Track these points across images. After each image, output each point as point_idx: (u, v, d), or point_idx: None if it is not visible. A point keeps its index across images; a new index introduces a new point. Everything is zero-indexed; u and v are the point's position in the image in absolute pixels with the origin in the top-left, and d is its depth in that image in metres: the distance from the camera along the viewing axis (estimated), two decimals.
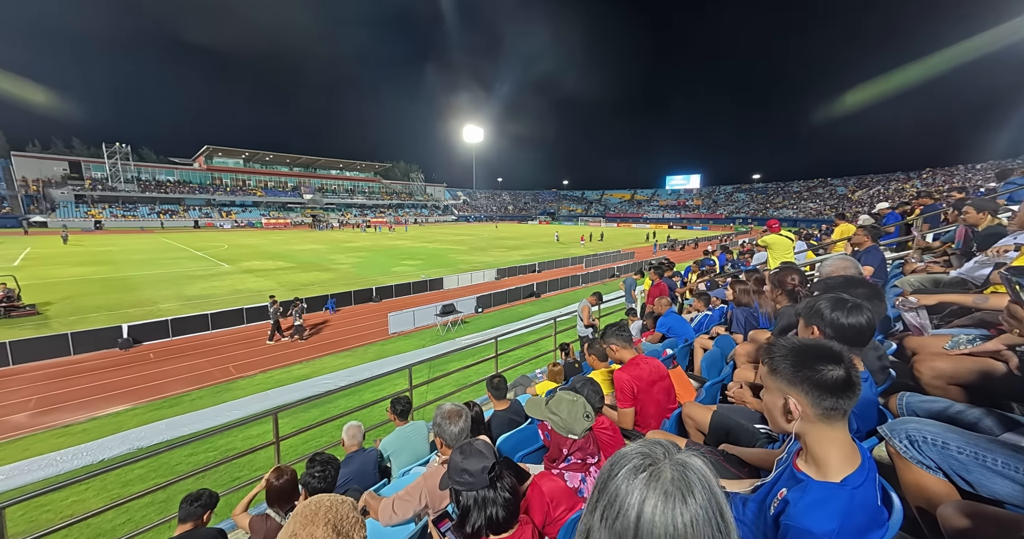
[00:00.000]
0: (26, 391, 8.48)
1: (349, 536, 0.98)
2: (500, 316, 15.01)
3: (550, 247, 39.70)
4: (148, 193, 60.65)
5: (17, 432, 7.01)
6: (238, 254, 30.33)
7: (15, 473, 5.87)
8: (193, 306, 14.84)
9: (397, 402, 3.44)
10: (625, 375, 2.24)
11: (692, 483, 0.57)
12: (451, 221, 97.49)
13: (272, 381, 9.29)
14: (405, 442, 3.15)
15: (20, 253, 28.14)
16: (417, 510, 1.90)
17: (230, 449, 6.49)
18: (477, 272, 21.78)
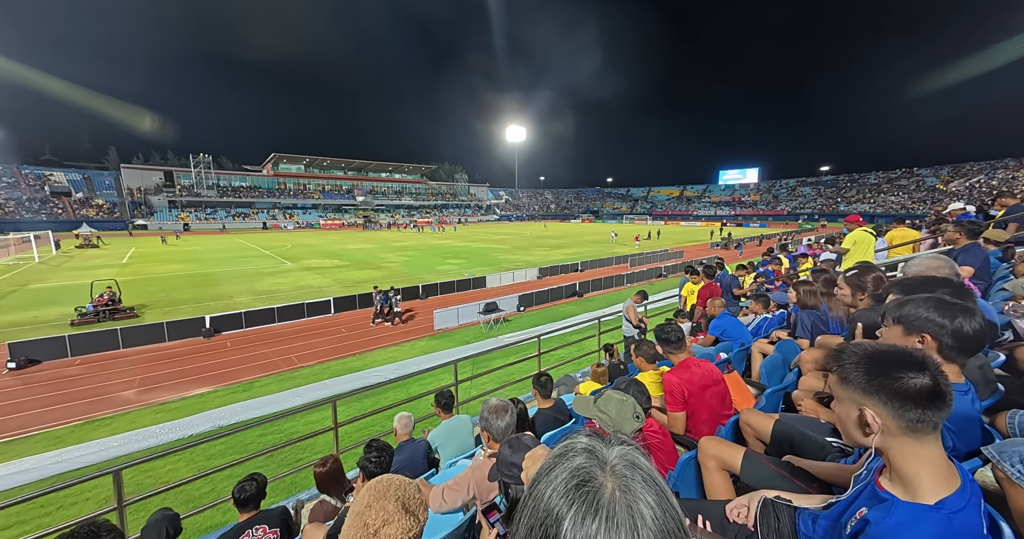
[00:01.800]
0: (132, 371, 9.81)
1: (415, 514, 1.04)
2: (542, 315, 14.98)
3: (593, 246, 38.92)
4: (225, 198, 67.54)
5: (126, 406, 8.13)
6: (299, 253, 32.88)
7: (126, 441, 6.82)
8: (262, 300, 16.32)
9: (441, 396, 3.56)
10: (675, 378, 2.15)
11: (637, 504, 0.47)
12: (493, 220, 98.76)
13: (329, 371, 9.97)
14: (451, 435, 3.25)
15: (127, 252, 32.56)
16: (465, 500, 1.96)
17: (293, 432, 7.06)
18: (519, 271, 21.89)
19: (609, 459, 0.51)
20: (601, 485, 0.47)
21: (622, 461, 0.50)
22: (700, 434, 2.02)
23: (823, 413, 1.80)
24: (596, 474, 0.49)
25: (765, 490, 1.24)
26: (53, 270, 24.04)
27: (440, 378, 8.98)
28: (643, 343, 3.05)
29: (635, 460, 0.51)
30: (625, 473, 0.49)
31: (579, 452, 0.53)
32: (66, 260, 28.13)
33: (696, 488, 1.69)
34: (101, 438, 6.96)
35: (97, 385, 9.04)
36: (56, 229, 41.53)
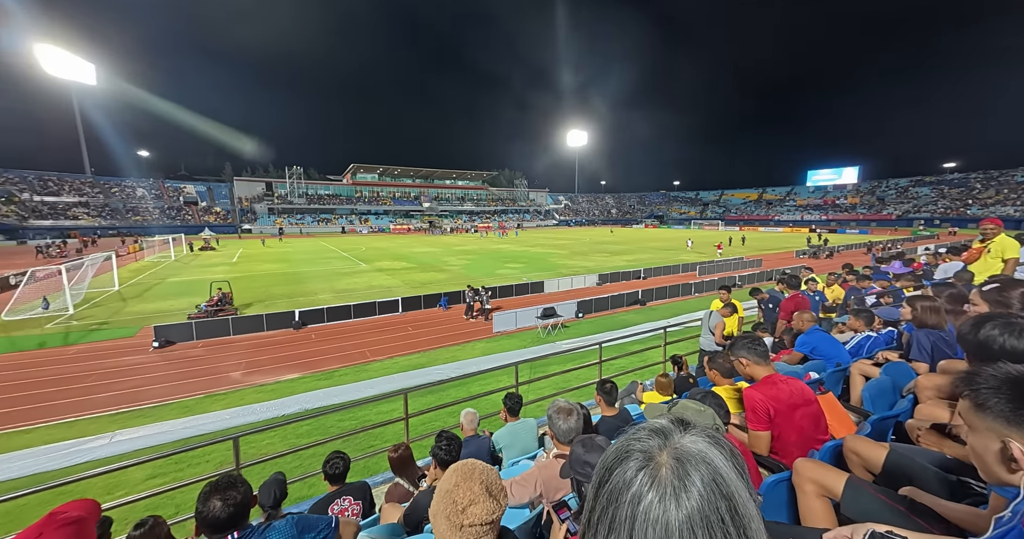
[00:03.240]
0: (239, 355, 11.41)
1: (497, 498, 1.12)
2: (601, 322, 14.60)
3: (657, 253, 37.05)
4: (312, 205, 75.81)
5: (235, 385, 9.48)
6: (372, 255, 35.72)
7: (236, 415, 7.94)
8: (340, 297, 18.00)
9: (509, 398, 3.65)
10: (758, 394, 2.00)
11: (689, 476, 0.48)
12: (552, 225, 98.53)
13: (397, 366, 10.69)
14: (515, 437, 3.33)
15: (237, 253, 37.98)
16: (532, 496, 2.01)
17: (366, 420, 7.67)
18: (578, 277, 21.58)
19: (677, 441, 0.52)
20: (658, 462, 0.49)
21: (691, 444, 0.51)
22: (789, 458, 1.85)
23: (948, 446, 1.55)
24: (655, 451, 0.51)
25: (873, 523, 1.12)
26: (184, 267, 28.84)
27: (499, 379, 9.16)
28: (718, 355, 2.86)
29: (701, 446, 0.51)
30: (685, 453, 0.49)
31: (650, 431, 0.55)
32: (193, 258, 33.59)
33: (787, 512, 1.55)
34: (217, 411, 8.18)
35: (214, 365, 10.65)
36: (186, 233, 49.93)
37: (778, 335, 4.91)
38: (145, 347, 11.72)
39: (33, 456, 6.54)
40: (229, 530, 1.62)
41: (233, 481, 1.73)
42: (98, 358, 11.06)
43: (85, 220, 57.63)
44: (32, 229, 51.64)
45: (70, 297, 15.81)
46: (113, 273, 21.63)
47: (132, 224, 59.72)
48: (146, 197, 68.52)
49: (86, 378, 9.75)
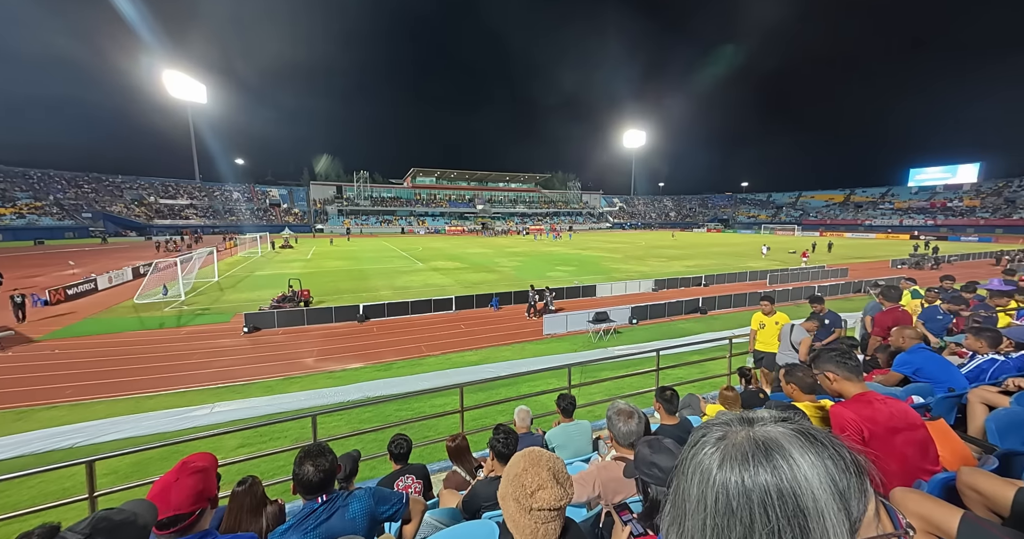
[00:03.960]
0: (312, 344, 12.58)
1: (564, 486, 1.16)
2: (657, 330, 13.97)
3: (721, 259, 34.58)
4: (375, 207, 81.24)
5: (308, 370, 10.48)
6: (428, 255, 37.41)
7: (309, 398, 8.78)
8: (399, 294, 19.09)
9: (563, 399, 3.65)
10: (849, 413, 1.82)
11: (769, 452, 0.47)
12: (605, 228, 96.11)
13: (450, 362, 11.10)
14: (569, 438, 3.33)
15: (311, 250, 41.87)
16: (590, 496, 2.01)
17: (421, 411, 8.07)
18: (632, 281, 20.84)
19: (762, 427, 0.51)
20: (733, 440, 0.49)
21: (776, 432, 0.50)
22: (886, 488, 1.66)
23: None
24: (734, 431, 0.51)
25: None
26: (268, 262, 32.41)
27: (548, 381, 9.15)
28: (797, 368, 2.63)
29: (788, 437, 0.49)
30: (766, 437, 0.48)
31: (738, 417, 0.54)
32: (275, 255, 37.60)
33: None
34: (294, 392, 9.10)
35: (291, 351, 11.84)
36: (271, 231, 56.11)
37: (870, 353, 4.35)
38: (237, 332, 13.35)
39: (156, 418, 7.76)
40: (319, 492, 1.83)
41: (323, 450, 1.94)
42: (202, 339, 12.80)
43: (194, 220, 67.01)
44: (155, 227, 61.10)
45: (182, 286, 18.48)
46: (214, 266, 24.91)
47: (229, 223, 68.27)
48: (240, 200, 78.02)
49: (192, 356, 11.35)
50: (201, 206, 71.88)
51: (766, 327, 6.21)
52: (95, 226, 56.62)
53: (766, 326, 6.20)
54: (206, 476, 1.74)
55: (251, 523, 2.49)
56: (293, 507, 3.43)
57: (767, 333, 6.18)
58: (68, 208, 58.35)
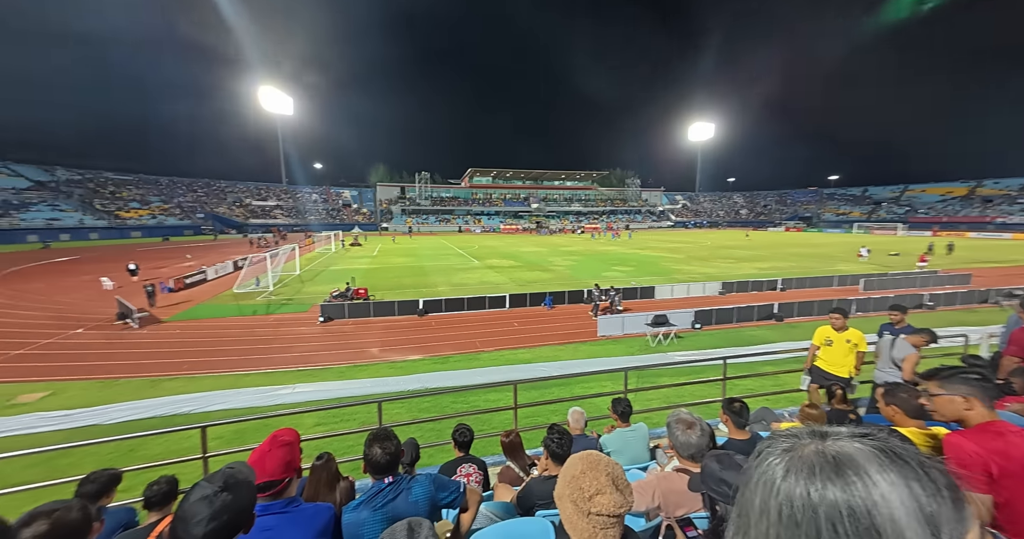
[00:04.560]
0: (376, 335, 13.54)
1: (623, 493, 1.13)
2: (723, 336, 12.96)
3: (801, 261, 31.13)
4: (435, 206, 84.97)
5: (373, 359, 11.30)
6: (484, 253, 38.30)
7: (374, 385, 9.48)
8: (456, 290, 19.80)
9: (618, 403, 3.55)
10: (971, 445, 1.54)
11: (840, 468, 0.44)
12: (666, 227, 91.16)
13: (503, 359, 11.29)
14: (625, 444, 3.23)
15: (377, 247, 45.01)
16: (648, 506, 1.94)
17: (476, 405, 8.31)
18: (696, 284, 19.54)
19: (834, 442, 0.48)
20: (799, 453, 0.48)
21: (851, 448, 0.47)
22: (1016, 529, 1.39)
23: None
24: (802, 444, 0.49)
25: None
26: (340, 258, 35.43)
27: (602, 384, 8.93)
28: (900, 389, 2.29)
29: (866, 455, 0.45)
30: (839, 452, 0.46)
31: (809, 431, 0.52)
32: (346, 252, 40.99)
33: None
34: (360, 379, 9.87)
35: (359, 341, 12.85)
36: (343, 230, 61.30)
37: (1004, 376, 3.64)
38: (313, 321, 14.79)
39: (249, 394, 8.90)
40: (386, 474, 1.97)
41: (389, 434, 2.09)
42: (285, 326, 14.38)
43: (281, 219, 75.32)
44: (250, 226, 69.66)
45: (271, 278, 20.90)
46: (296, 261, 27.80)
47: (308, 222, 75.67)
48: (317, 201, 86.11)
49: (278, 341, 12.79)
50: (286, 207, 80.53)
51: (834, 345, 5.22)
52: (206, 225, 66.04)
53: (834, 344, 5.22)
54: (292, 449, 1.96)
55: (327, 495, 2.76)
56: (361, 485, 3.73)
57: (835, 352, 5.21)
58: (187, 209, 68.71)
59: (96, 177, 67.24)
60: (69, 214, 53.97)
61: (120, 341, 12.57)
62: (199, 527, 1.13)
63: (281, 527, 1.63)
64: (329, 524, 1.74)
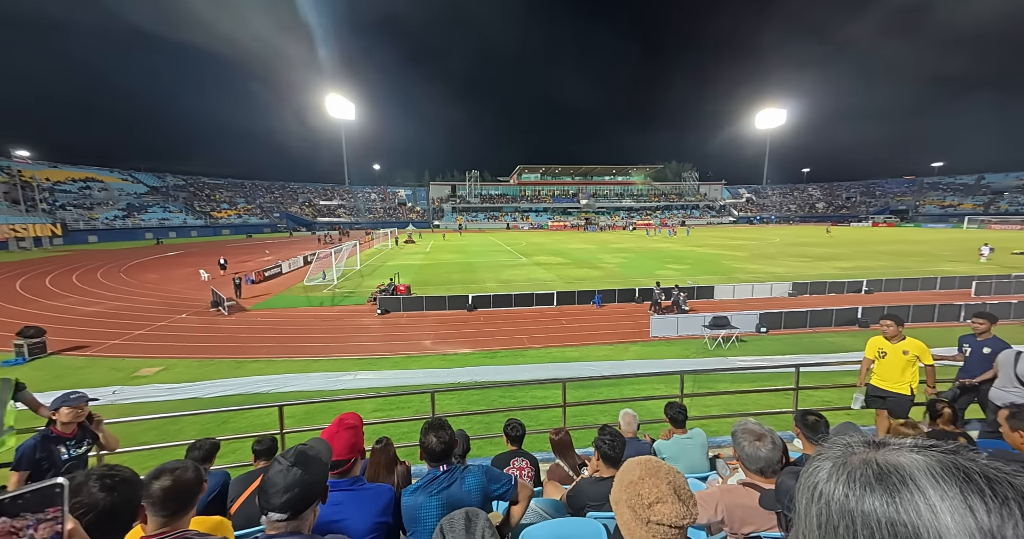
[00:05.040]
0: (429, 328, 14.12)
1: (686, 504, 1.07)
2: (794, 342, 11.82)
3: (893, 259, 27.43)
4: (484, 204, 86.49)
5: (425, 351, 11.82)
6: (531, 250, 38.33)
7: (427, 376, 9.92)
8: (504, 287, 20.04)
9: (672, 408, 3.38)
10: None
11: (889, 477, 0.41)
12: (728, 223, 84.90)
13: (551, 356, 11.25)
14: (682, 451, 3.07)
15: (429, 244, 46.89)
16: (710, 519, 1.83)
17: (522, 401, 8.37)
18: (762, 284, 18.00)
19: (888, 452, 0.44)
20: (849, 461, 0.45)
21: (905, 459, 0.42)
22: None
23: None
24: (853, 454, 0.46)
25: None
26: (396, 254, 37.42)
27: (654, 387, 8.56)
28: None
29: (922, 467, 0.41)
30: (889, 462, 0.42)
31: (863, 441, 0.48)
32: (401, 248, 43.18)
33: None
34: (415, 369, 10.38)
35: (413, 333, 13.49)
36: (398, 227, 64.68)
37: None
38: (372, 313, 15.77)
39: (317, 378, 9.74)
40: (441, 461, 2.05)
41: (443, 424, 2.17)
42: (348, 317, 15.50)
43: (343, 217, 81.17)
44: (318, 224, 75.90)
45: (335, 272, 22.62)
46: (357, 256, 29.82)
47: (367, 220, 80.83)
48: (376, 200, 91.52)
49: (341, 330, 13.83)
50: (348, 206, 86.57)
51: (887, 357, 4.51)
52: (281, 223, 73.10)
53: (887, 356, 4.50)
54: (356, 432, 2.11)
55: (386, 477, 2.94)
56: (416, 470, 3.92)
57: (889, 367, 4.52)
58: (266, 209, 76.50)
59: (196, 182, 77.11)
60: (176, 215, 62.49)
61: (213, 326, 14.35)
62: (276, 497, 1.28)
63: (347, 503, 1.77)
64: (390, 504, 1.85)
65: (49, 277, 24.44)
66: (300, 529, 1.38)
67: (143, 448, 4.66)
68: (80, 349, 11.87)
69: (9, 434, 3.62)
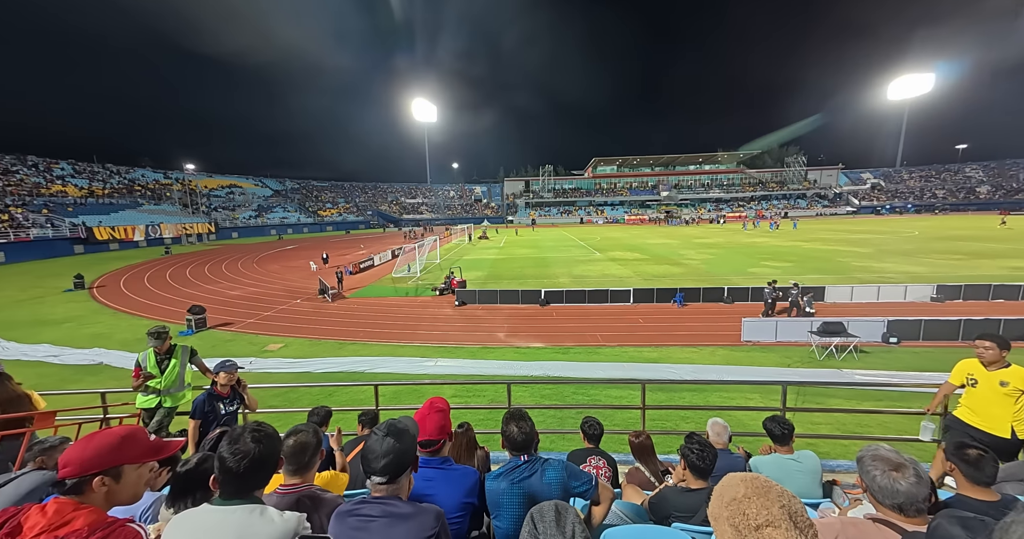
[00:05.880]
0: (502, 320, 14.51)
1: (804, 532, 0.94)
2: (938, 358, 9.68)
3: None
4: (557, 198, 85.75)
5: (499, 343, 12.18)
6: (606, 245, 37.03)
7: (502, 367, 10.22)
8: (577, 282, 19.70)
9: (775, 422, 2.99)
10: None
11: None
12: (845, 214, 72.55)
13: (626, 355, 10.78)
14: (784, 472, 2.71)
15: (503, 239, 48.07)
16: None
17: (596, 399, 8.17)
18: (891, 285, 15.07)
19: None
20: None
21: None
22: None
23: None
24: None
25: None
26: (472, 249, 39.08)
27: (747, 396, 7.72)
28: None
29: None
30: None
31: None
32: (476, 243, 44.96)
33: None
34: (489, 360, 10.76)
35: (488, 325, 13.99)
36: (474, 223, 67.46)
37: None
38: (451, 304, 16.71)
39: (404, 362, 10.65)
40: (522, 451, 2.09)
41: (524, 415, 2.21)
42: (429, 308, 16.65)
43: (425, 214, 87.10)
44: (403, 220, 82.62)
45: (419, 265, 24.45)
46: (437, 251, 31.81)
47: (446, 216, 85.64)
48: (454, 197, 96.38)
49: (424, 320, 14.91)
50: (429, 203, 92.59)
51: (979, 385, 3.51)
52: (373, 220, 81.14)
53: (979, 384, 3.51)
54: (444, 415, 2.24)
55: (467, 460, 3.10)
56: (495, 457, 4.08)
57: (979, 399, 3.51)
58: (361, 208, 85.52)
59: (307, 185, 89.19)
60: (292, 214, 73.02)
61: (320, 311, 16.52)
62: (376, 462, 1.49)
63: (438, 480, 1.90)
64: (475, 486, 1.95)
65: (207, 266, 30.40)
66: (398, 493, 1.55)
67: (271, 411, 5.57)
68: (227, 325, 14.58)
69: (188, 389, 4.61)
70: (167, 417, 4.47)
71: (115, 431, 1.32)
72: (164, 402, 4.45)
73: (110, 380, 9.34)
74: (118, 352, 11.58)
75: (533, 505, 1.41)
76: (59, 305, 18.10)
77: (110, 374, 10.07)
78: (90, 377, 9.97)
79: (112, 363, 10.83)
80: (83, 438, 1.25)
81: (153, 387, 4.38)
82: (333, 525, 1.51)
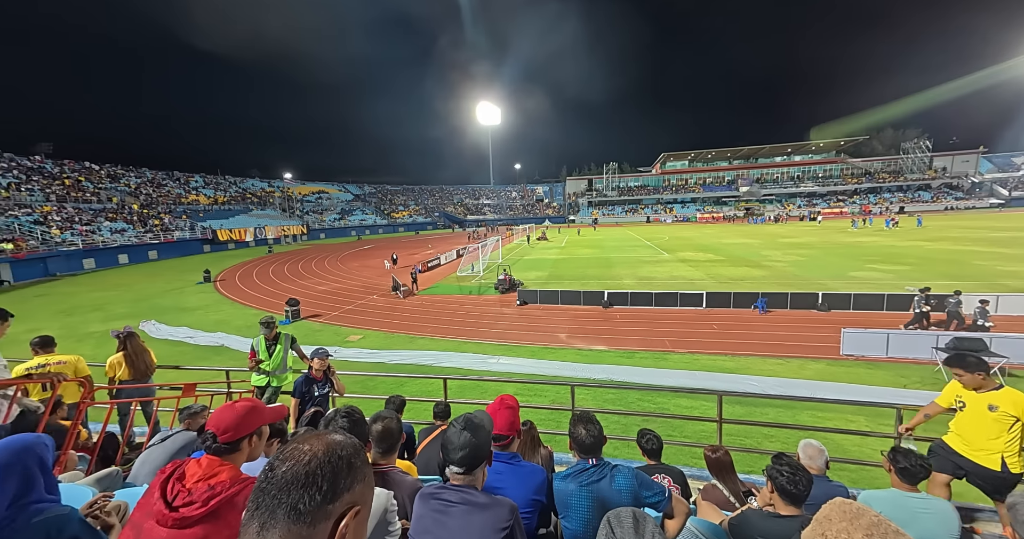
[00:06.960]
0: (565, 321, 14.36)
1: None
2: None
3: None
4: (622, 197, 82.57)
5: (560, 344, 12.08)
6: (675, 245, 34.79)
7: (563, 368, 10.14)
8: (643, 284, 18.79)
9: (900, 453, 2.55)
10: None
11: None
12: (986, 208, 59.97)
13: (698, 363, 10.04)
14: (910, 516, 2.30)
15: (564, 239, 47.58)
16: None
17: (664, 407, 7.72)
18: None
19: None
20: None
21: None
22: None
23: None
24: None
25: None
26: (532, 249, 39.26)
27: (848, 417, 6.75)
28: None
29: None
30: None
31: None
32: (536, 244, 45.06)
33: None
34: (550, 360, 10.73)
35: (549, 325, 13.95)
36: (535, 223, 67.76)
37: None
38: (512, 303, 16.97)
39: (468, 358, 11.06)
40: (590, 455, 2.07)
41: (592, 418, 2.18)
42: (492, 306, 17.08)
43: (489, 215, 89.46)
44: (468, 221, 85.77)
45: (482, 265, 25.21)
46: (499, 251, 32.51)
47: (508, 216, 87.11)
48: (516, 197, 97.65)
49: (486, 318, 15.33)
50: (492, 204, 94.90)
51: (967, 408, 3.17)
52: (440, 221, 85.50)
53: (967, 407, 3.17)
54: (514, 412, 2.30)
55: (531, 457, 3.13)
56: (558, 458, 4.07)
57: (967, 423, 3.17)
58: (429, 209, 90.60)
59: (382, 189, 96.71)
60: (369, 216, 79.76)
61: (393, 306, 17.82)
62: (454, 453, 1.57)
63: (507, 474, 1.95)
64: (543, 485, 1.96)
65: (299, 263, 34.49)
66: (474, 484, 1.62)
67: (352, 396, 6.14)
68: (317, 317, 16.39)
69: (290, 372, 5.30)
70: (274, 395, 5.18)
71: (244, 403, 1.57)
72: (272, 382, 5.17)
73: (230, 360, 11.05)
74: (236, 337, 13.63)
75: (602, 509, 1.39)
76: (193, 295, 21.82)
77: (229, 355, 11.90)
78: (215, 356, 11.88)
79: (231, 346, 12.78)
80: (224, 409, 1.51)
81: (263, 369, 5.10)
82: (418, 504, 1.63)
